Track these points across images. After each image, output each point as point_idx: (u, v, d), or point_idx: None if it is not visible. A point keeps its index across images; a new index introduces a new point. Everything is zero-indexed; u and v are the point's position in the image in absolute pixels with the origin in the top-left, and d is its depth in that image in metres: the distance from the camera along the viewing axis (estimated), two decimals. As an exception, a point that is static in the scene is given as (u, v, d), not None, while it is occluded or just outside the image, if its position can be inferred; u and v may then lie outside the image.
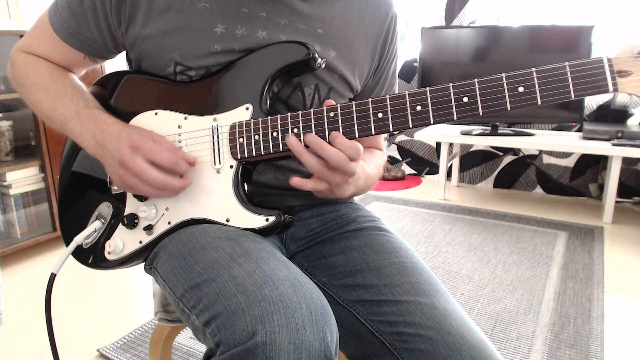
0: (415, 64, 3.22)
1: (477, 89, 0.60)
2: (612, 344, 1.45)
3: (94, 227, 0.77)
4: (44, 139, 2.08)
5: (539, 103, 0.59)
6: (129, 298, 1.76)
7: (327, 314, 0.56)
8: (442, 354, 0.61)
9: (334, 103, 0.66)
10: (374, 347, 0.68)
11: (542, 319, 1.58)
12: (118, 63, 0.85)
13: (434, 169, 3.36)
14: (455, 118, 0.62)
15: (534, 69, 0.59)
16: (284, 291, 0.54)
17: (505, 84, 0.60)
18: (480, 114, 0.61)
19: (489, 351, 0.63)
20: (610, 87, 0.57)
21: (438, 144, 3.29)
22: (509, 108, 0.60)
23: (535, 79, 0.59)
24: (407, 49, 3.27)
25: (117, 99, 0.78)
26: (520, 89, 0.59)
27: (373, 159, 0.84)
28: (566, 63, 0.58)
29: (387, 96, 0.64)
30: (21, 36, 1.10)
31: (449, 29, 2.90)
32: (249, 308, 0.53)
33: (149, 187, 0.67)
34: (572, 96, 0.58)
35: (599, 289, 1.78)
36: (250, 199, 0.70)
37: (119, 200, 0.76)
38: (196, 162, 0.71)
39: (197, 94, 0.72)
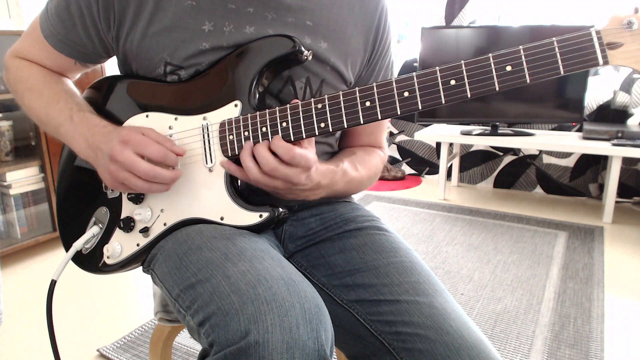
0: (415, 64, 3.22)
1: (464, 71, 0.59)
2: (612, 344, 1.45)
3: (92, 232, 0.77)
4: (44, 139, 2.08)
5: (528, 81, 0.57)
6: (129, 298, 1.76)
7: (321, 312, 0.55)
8: (441, 353, 0.61)
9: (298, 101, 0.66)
10: (373, 346, 0.68)
11: (542, 319, 1.58)
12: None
13: (434, 169, 3.36)
14: (443, 102, 0.60)
15: (521, 46, 0.58)
16: (278, 290, 0.54)
17: (492, 64, 0.58)
18: (469, 96, 0.60)
19: (487, 351, 0.62)
20: (600, 60, 0.55)
21: (438, 144, 3.28)
22: (497, 88, 0.58)
23: (523, 57, 0.57)
24: (407, 49, 3.27)
25: (110, 102, 0.78)
26: (508, 68, 0.58)
27: (366, 161, 0.83)
28: (554, 38, 0.57)
29: (374, 84, 0.63)
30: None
31: (449, 29, 2.90)
32: (242, 308, 0.52)
33: (139, 180, 0.66)
34: (562, 72, 0.56)
35: (599, 289, 1.78)
36: (244, 196, 0.70)
37: (115, 205, 0.77)
38: (185, 153, 0.71)
39: (186, 94, 0.72)
